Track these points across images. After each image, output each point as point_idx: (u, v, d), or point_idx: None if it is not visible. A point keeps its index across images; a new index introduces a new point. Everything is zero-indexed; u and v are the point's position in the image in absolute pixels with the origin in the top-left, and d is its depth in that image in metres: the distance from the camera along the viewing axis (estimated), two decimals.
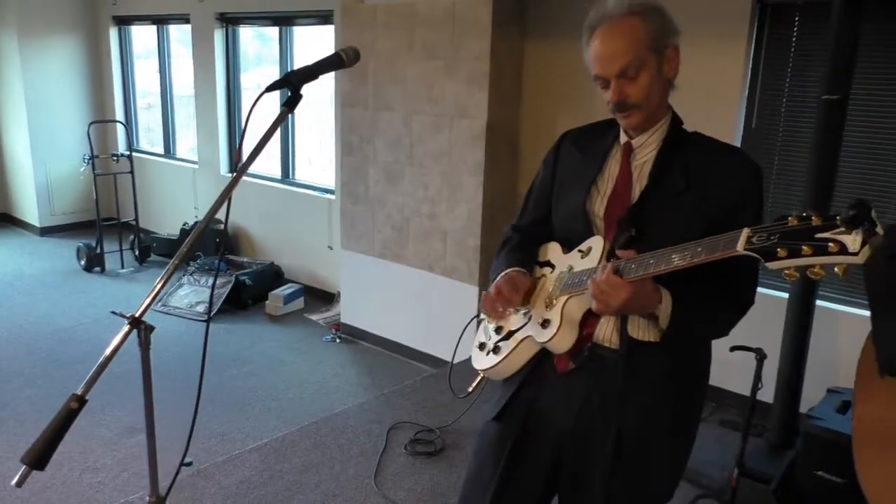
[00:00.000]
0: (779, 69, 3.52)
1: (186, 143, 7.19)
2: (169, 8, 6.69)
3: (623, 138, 1.57)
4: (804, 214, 1.13)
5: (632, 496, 1.54)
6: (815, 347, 3.14)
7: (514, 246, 1.74)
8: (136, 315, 1.33)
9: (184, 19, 6.56)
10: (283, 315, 5.49)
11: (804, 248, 1.11)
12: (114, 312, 1.50)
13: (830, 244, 1.08)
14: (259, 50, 6.38)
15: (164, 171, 7.25)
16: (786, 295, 3.16)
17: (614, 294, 1.36)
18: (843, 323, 3.37)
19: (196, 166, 6.82)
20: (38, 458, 1.23)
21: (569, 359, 1.55)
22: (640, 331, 1.48)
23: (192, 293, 5.61)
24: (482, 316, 1.79)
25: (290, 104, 1.44)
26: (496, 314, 1.65)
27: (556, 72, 4.08)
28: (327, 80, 5.22)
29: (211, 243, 6.29)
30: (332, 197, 5.53)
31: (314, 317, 5.48)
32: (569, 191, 1.64)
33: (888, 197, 3.27)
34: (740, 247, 1.20)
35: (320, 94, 5.50)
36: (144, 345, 1.37)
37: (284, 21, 5.73)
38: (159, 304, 5.53)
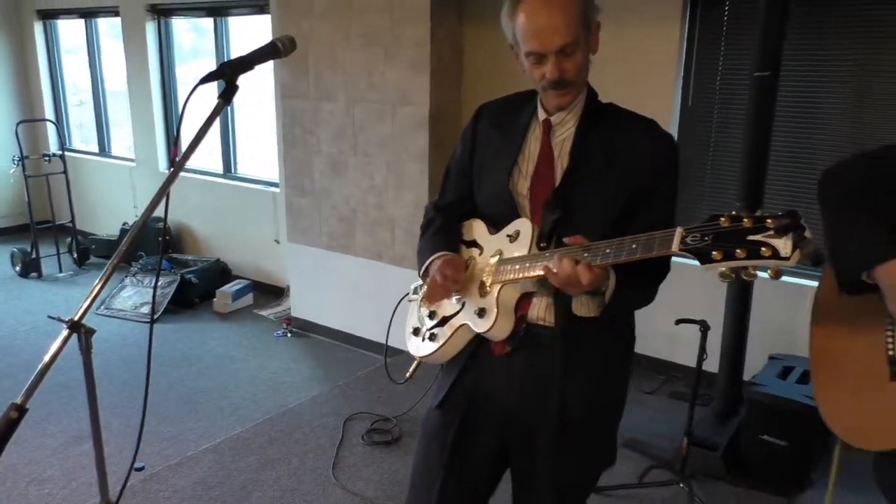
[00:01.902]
0: (712, 48, 3.61)
1: (122, 141, 6.97)
2: (97, 0, 6.45)
3: (542, 115, 1.57)
4: (734, 214, 1.16)
5: (579, 464, 1.60)
6: (755, 317, 3.25)
7: (439, 227, 1.72)
8: (76, 318, 1.28)
9: (113, 12, 6.33)
10: (232, 312, 5.39)
11: (738, 251, 1.13)
12: (51, 317, 1.45)
13: (763, 248, 1.11)
14: (195, 42, 6.22)
15: (100, 171, 7.02)
16: None
17: (578, 283, 1.36)
18: (782, 292, 3.49)
19: (133, 164, 6.63)
20: None
21: (505, 342, 1.57)
22: (583, 307, 1.51)
23: (135, 294, 5.46)
24: (411, 297, 1.80)
25: (225, 96, 1.41)
26: (444, 297, 1.65)
27: (496, 55, 4.09)
28: (266, 72, 5.12)
29: (153, 242, 6.12)
30: (277, 190, 5.45)
31: (264, 312, 5.40)
32: (490, 169, 1.63)
33: (816, 168, 3.39)
34: (675, 247, 1.23)
35: (260, 86, 5.40)
36: (85, 349, 1.33)
37: (219, 11, 5.59)
38: (102, 307, 5.36)
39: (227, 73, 1.39)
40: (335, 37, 4.27)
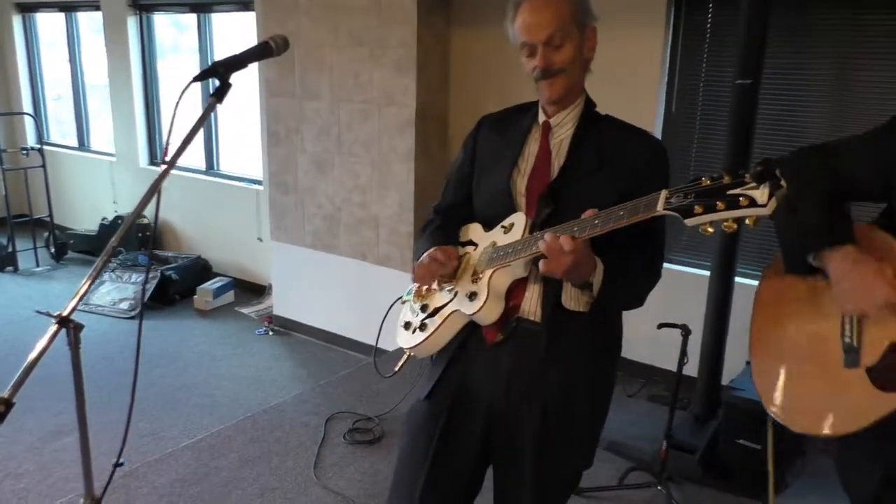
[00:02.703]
0: (695, 56, 3.66)
1: (102, 135, 6.89)
2: None
3: (541, 118, 1.65)
4: (715, 175, 1.23)
5: (559, 464, 1.63)
6: (734, 322, 3.30)
7: (437, 227, 1.79)
8: (64, 314, 1.28)
9: (94, 6, 6.27)
10: (213, 310, 5.36)
11: (718, 203, 1.20)
12: (39, 312, 1.44)
13: (741, 199, 1.17)
14: (176, 38, 6.16)
15: (79, 165, 6.94)
16: (707, 273, 3.30)
17: (563, 256, 1.39)
18: None
19: (113, 159, 6.56)
20: None
21: (497, 330, 1.60)
22: (572, 301, 1.54)
23: (114, 290, 5.41)
24: (405, 298, 1.83)
25: (218, 94, 1.41)
26: (431, 279, 1.69)
27: (483, 57, 4.12)
28: (252, 70, 5.10)
29: (133, 238, 6.07)
30: (260, 188, 5.43)
31: (245, 310, 5.37)
32: (490, 172, 1.70)
33: None
34: (660, 207, 1.29)
35: (245, 84, 5.37)
36: (74, 344, 1.33)
37: (202, 8, 5.55)
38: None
39: (220, 72, 1.40)
40: (322, 36, 4.26)
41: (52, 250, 6.35)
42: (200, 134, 5.77)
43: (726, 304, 3.26)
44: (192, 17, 5.68)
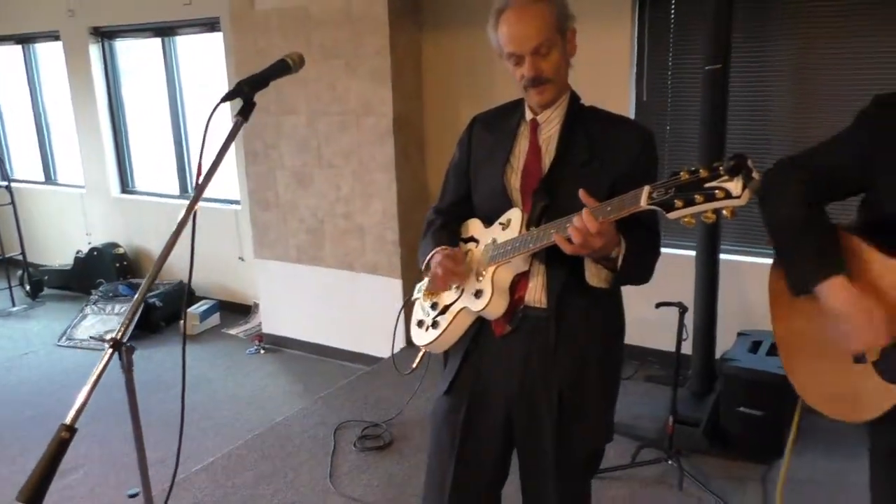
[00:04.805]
0: (661, 45, 3.79)
1: (68, 167, 6.78)
2: (35, 25, 6.28)
3: (529, 116, 1.72)
4: (693, 169, 1.31)
5: (579, 443, 1.71)
6: (722, 297, 3.42)
7: (439, 227, 1.85)
8: (117, 337, 1.31)
9: (53, 37, 6.20)
10: (201, 333, 5.33)
11: (697, 197, 1.29)
12: (93, 338, 1.47)
13: (717, 191, 1.27)
14: (141, 62, 6.09)
15: (48, 199, 6.83)
16: (693, 252, 3.42)
17: (597, 236, 1.45)
18: (746, 272, 3.68)
19: (83, 190, 6.47)
20: (34, 494, 1.21)
21: (505, 322, 1.69)
22: (594, 276, 1.61)
23: (98, 322, 5.35)
24: (416, 296, 1.90)
25: (243, 113, 1.46)
26: (448, 286, 1.76)
27: (455, 62, 4.19)
28: (221, 90, 5.09)
29: (111, 269, 6.00)
30: (238, 207, 5.41)
31: (233, 331, 5.36)
32: (486, 170, 1.77)
33: (770, 156, 3.58)
34: (643, 202, 1.37)
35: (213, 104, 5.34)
36: (127, 367, 1.36)
37: (166, 32, 5.53)
38: (63, 338, 5.23)
39: (245, 91, 1.44)
40: (295, 51, 4.28)
41: (28, 288, 6.25)
42: (172, 158, 5.78)
43: (714, 281, 3.38)
44: (156, 42, 5.65)
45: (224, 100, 1.42)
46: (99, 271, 5.98)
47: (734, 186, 1.25)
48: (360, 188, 4.33)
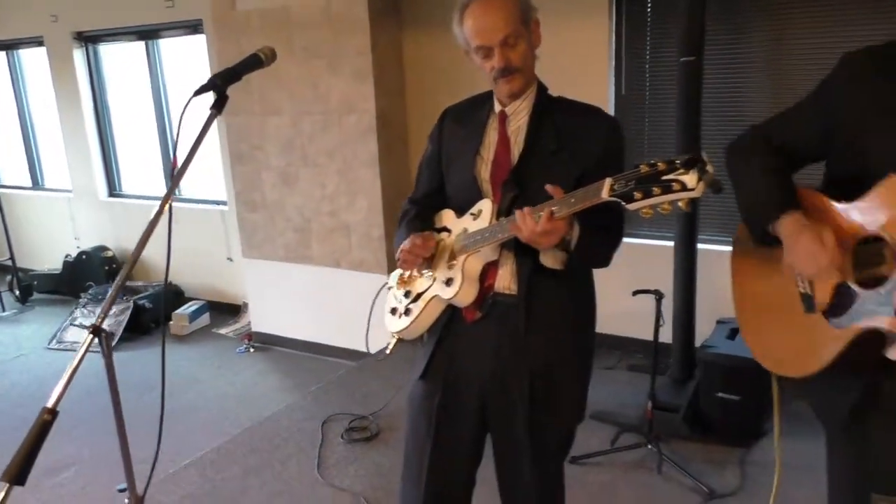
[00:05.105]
0: (639, 38, 3.85)
1: (55, 171, 6.81)
2: (18, 31, 6.31)
3: (497, 108, 1.75)
4: (652, 162, 1.37)
5: (551, 425, 1.76)
6: (701, 286, 3.48)
7: (412, 217, 1.90)
8: (97, 323, 1.36)
9: (36, 42, 6.22)
10: (190, 334, 5.37)
11: (654, 189, 1.35)
12: (73, 324, 1.51)
13: (674, 184, 1.33)
14: (125, 65, 6.13)
15: (35, 204, 6.85)
16: (672, 243, 3.48)
17: (547, 237, 1.52)
18: (724, 261, 3.70)
19: (71, 194, 6.50)
20: (18, 472, 1.26)
21: (475, 309, 1.74)
22: (549, 258, 1.67)
23: (87, 325, 5.37)
24: (390, 284, 1.95)
25: (217, 106, 1.50)
26: (413, 265, 1.79)
27: (436, 59, 4.25)
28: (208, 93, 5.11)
29: (100, 272, 6.03)
30: (226, 208, 5.45)
31: (223, 331, 5.40)
32: (457, 161, 1.82)
33: None
34: (605, 194, 1.43)
35: (199, 107, 5.38)
36: (107, 352, 1.40)
37: (149, 35, 5.56)
38: (53, 341, 5.26)
39: (218, 84, 1.49)
40: (277, 52, 4.32)
41: (17, 293, 6.26)
42: (159, 160, 5.81)
43: (692, 270, 3.44)
44: (140, 45, 5.68)
45: (197, 93, 1.47)
46: (88, 274, 6.01)
47: (689, 179, 1.32)
48: (344, 186, 4.38)
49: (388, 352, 1.94)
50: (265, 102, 4.48)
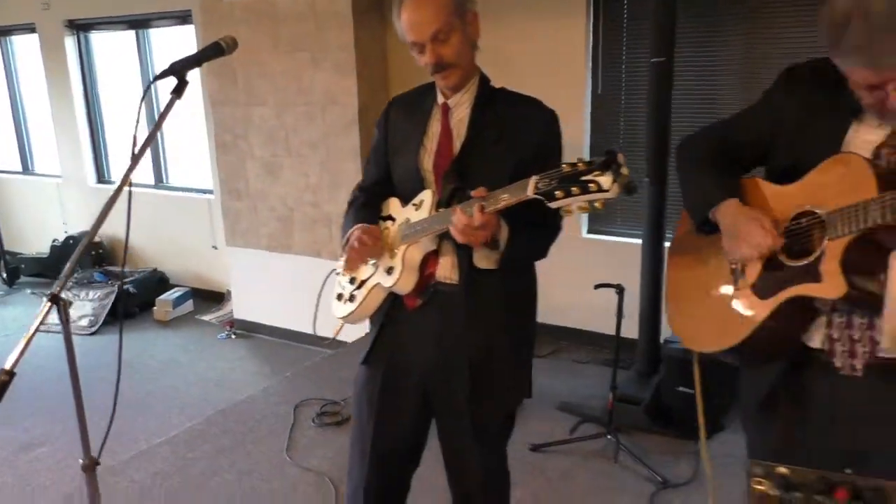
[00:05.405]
0: (615, 40, 3.93)
1: (45, 157, 6.87)
2: (10, 18, 6.36)
3: (440, 99, 1.79)
4: (574, 161, 1.43)
5: (492, 408, 1.84)
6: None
7: (360, 205, 1.94)
8: (55, 291, 1.43)
9: (28, 29, 6.28)
10: (174, 319, 5.45)
11: (573, 189, 1.40)
12: (32, 293, 1.59)
13: (591, 185, 1.38)
14: (117, 53, 6.19)
15: (24, 188, 6.92)
16: (639, 241, 3.56)
17: (479, 232, 1.58)
18: None
19: (60, 180, 6.56)
20: None
21: (416, 296, 1.79)
22: (483, 259, 1.73)
23: (72, 308, 5.45)
24: (337, 270, 2.00)
25: (177, 91, 1.58)
26: (361, 261, 1.86)
27: None
28: (194, 81, 5.19)
29: (87, 257, 6.09)
30: (211, 196, 5.52)
31: (206, 317, 5.47)
32: (401, 151, 1.85)
33: None
34: (530, 192, 1.48)
35: (187, 95, 5.45)
36: (65, 320, 1.47)
37: (140, 24, 5.63)
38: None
39: (177, 70, 1.56)
40: (262, 44, 4.41)
41: (4, 275, 6.33)
42: (147, 149, 5.87)
43: (659, 267, 3.52)
44: (130, 34, 5.74)
45: (156, 79, 1.55)
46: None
47: (605, 180, 1.37)
48: (327, 177, 4.46)
49: (333, 335, 2.01)
50: (250, 93, 4.56)
